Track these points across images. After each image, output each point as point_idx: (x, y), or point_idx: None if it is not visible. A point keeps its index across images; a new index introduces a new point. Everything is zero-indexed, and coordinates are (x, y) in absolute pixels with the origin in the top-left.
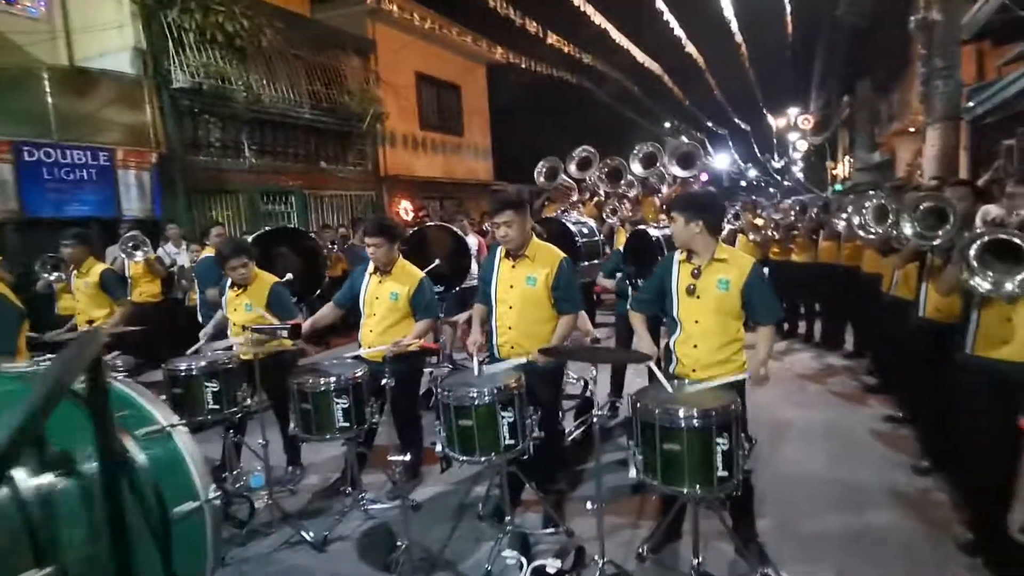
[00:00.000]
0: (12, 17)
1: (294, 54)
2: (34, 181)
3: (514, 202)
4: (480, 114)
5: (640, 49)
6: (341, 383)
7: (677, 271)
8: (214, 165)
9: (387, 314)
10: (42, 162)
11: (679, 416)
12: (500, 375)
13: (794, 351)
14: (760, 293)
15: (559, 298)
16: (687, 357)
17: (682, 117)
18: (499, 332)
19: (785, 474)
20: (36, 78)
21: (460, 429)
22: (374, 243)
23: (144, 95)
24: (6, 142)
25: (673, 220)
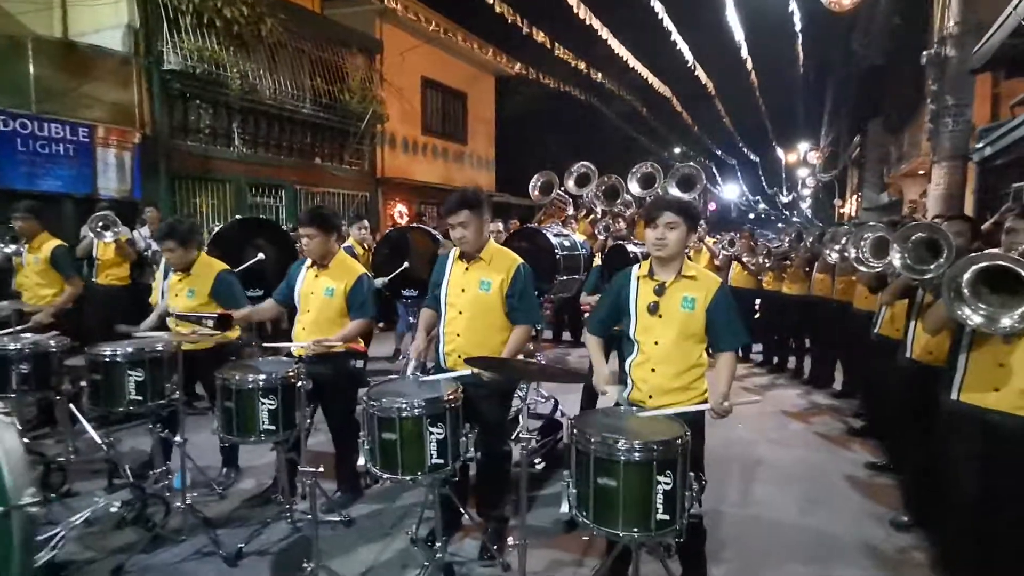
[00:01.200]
0: None
1: (296, 47)
2: (7, 152)
3: (471, 201)
4: (486, 124)
5: (650, 70)
6: (269, 382)
7: (636, 287)
8: (201, 151)
9: (321, 311)
10: (17, 133)
11: (617, 447)
12: (435, 386)
13: (779, 386)
14: (726, 315)
15: (513, 307)
16: (643, 382)
17: (691, 143)
18: (446, 340)
19: (753, 516)
20: (19, 48)
21: (383, 443)
22: (307, 233)
23: (132, 74)
24: None
25: (671, 227)
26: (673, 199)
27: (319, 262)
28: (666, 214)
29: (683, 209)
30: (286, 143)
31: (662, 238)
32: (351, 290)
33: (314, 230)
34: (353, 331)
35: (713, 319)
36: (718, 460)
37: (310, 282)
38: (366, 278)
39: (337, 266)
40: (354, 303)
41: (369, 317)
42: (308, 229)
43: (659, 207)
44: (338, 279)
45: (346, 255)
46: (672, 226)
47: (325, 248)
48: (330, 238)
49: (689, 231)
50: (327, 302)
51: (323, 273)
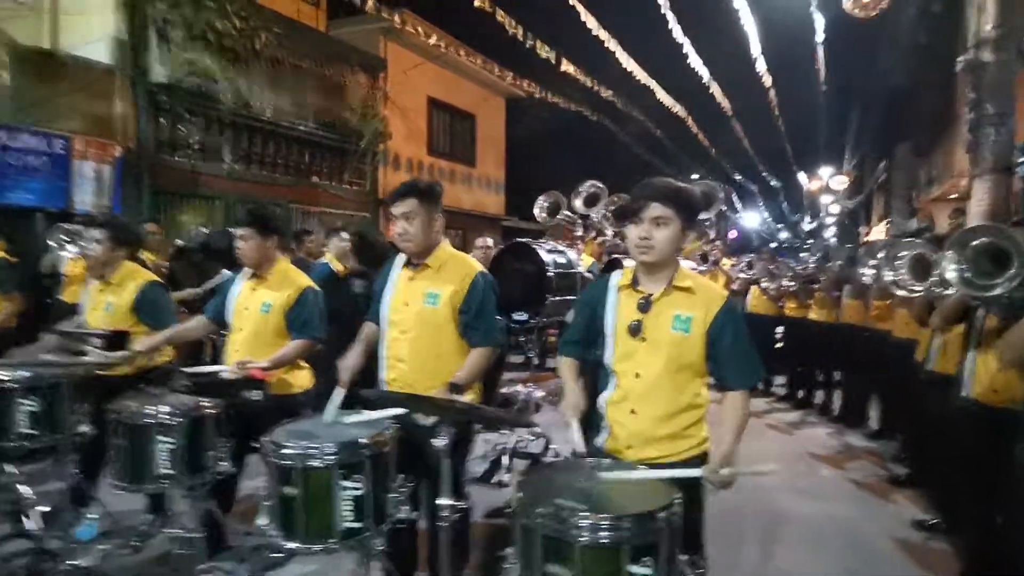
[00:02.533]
0: None
1: (294, 63)
2: None
3: (421, 190)
4: (495, 146)
5: (664, 90)
6: (167, 416)
7: (615, 301)
8: (189, 167)
9: (256, 330)
10: None
11: (572, 523)
12: (358, 427)
13: (807, 424)
14: (735, 341)
15: (468, 324)
16: (621, 426)
17: (709, 167)
18: (387, 366)
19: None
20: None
21: (283, 499)
22: (241, 234)
23: (115, 86)
24: None
25: (659, 222)
26: (662, 183)
27: (257, 272)
28: (652, 206)
29: (675, 197)
30: (282, 160)
31: (647, 237)
32: (292, 305)
33: (249, 230)
34: (290, 353)
35: (717, 345)
36: (730, 514)
37: (246, 296)
38: (311, 293)
39: (277, 277)
40: (295, 321)
41: (312, 337)
42: (243, 229)
43: (643, 195)
44: (277, 292)
45: (290, 266)
46: (661, 221)
47: (261, 254)
48: (268, 242)
49: (685, 228)
50: (263, 319)
51: (261, 286)
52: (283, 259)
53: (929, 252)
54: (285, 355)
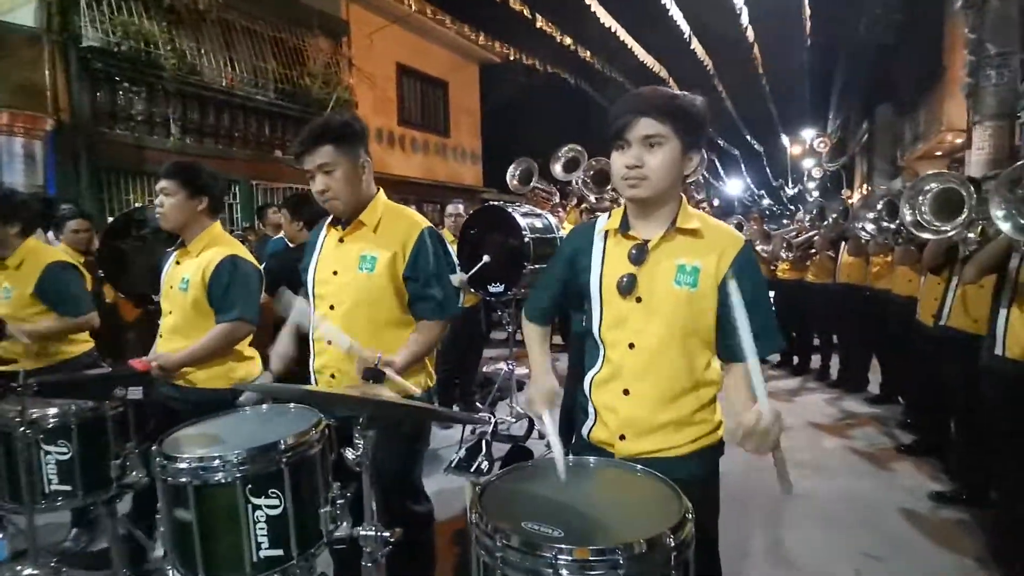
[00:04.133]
0: None
1: (247, 26)
2: None
3: (336, 130)
4: (470, 115)
5: (645, 50)
6: (53, 420)
7: (601, 253)
8: (133, 141)
9: (180, 313)
10: None
11: (544, 557)
12: (279, 421)
13: (806, 391)
14: (754, 299)
15: (417, 293)
16: (611, 412)
17: None
18: (316, 350)
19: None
20: None
21: (175, 525)
22: (161, 188)
23: (43, 52)
24: None
25: (652, 142)
26: (653, 91)
27: (183, 242)
28: (642, 122)
29: (672, 109)
30: (239, 133)
31: (637, 164)
32: (210, 279)
33: (172, 184)
34: (206, 346)
35: (733, 303)
36: (734, 492)
37: (171, 272)
38: (235, 261)
39: (201, 247)
40: (214, 298)
41: (239, 319)
42: (165, 182)
43: (629, 109)
44: (197, 266)
45: (219, 233)
46: (655, 141)
47: (186, 216)
48: (195, 203)
49: (686, 149)
50: (182, 299)
51: (184, 258)
52: (215, 226)
53: (961, 187)
54: (204, 345)
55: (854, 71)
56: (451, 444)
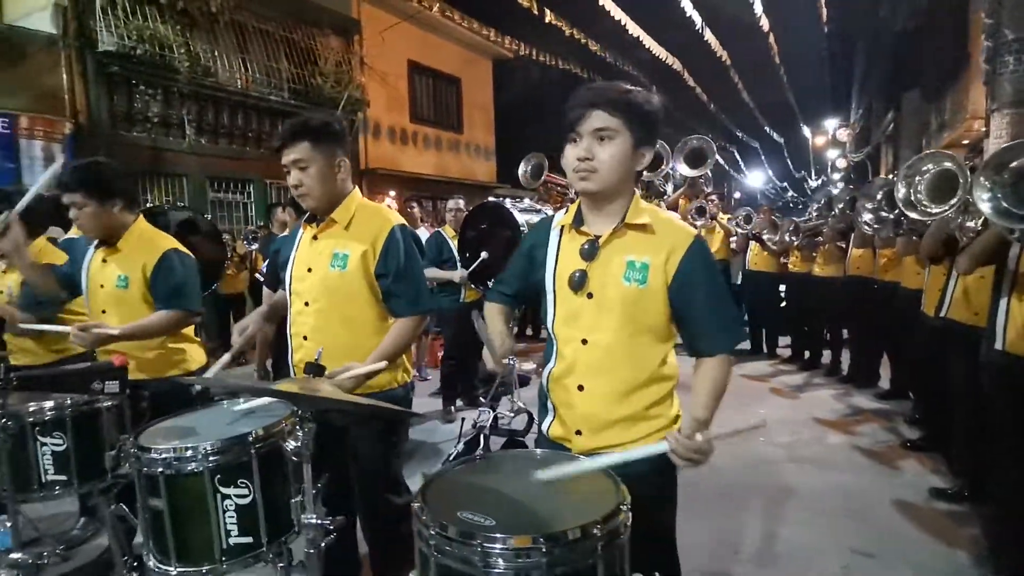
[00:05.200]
0: None
1: (259, 27)
2: None
3: (314, 129)
4: (483, 111)
5: (657, 42)
6: (49, 413)
7: (556, 248)
8: (150, 142)
9: (122, 311)
10: None
11: (475, 548)
12: (254, 414)
13: (814, 387)
14: (707, 293)
15: (389, 290)
16: (568, 408)
17: (708, 124)
18: (294, 345)
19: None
20: None
21: (150, 513)
22: (72, 201)
23: (61, 58)
24: None
25: (603, 135)
26: (604, 86)
27: (107, 241)
28: (593, 115)
29: (623, 103)
30: (252, 133)
31: (587, 157)
32: (153, 273)
33: (80, 195)
34: (151, 325)
35: (683, 300)
36: (731, 489)
37: (97, 269)
38: (177, 255)
39: (133, 243)
40: (160, 291)
41: (186, 309)
42: (72, 195)
43: (580, 103)
44: (133, 262)
45: (147, 227)
46: (605, 135)
47: (105, 222)
48: (110, 207)
49: (638, 145)
50: (122, 298)
51: (112, 256)
52: (139, 221)
53: (957, 168)
54: (145, 326)
55: (875, 58)
56: (452, 438)
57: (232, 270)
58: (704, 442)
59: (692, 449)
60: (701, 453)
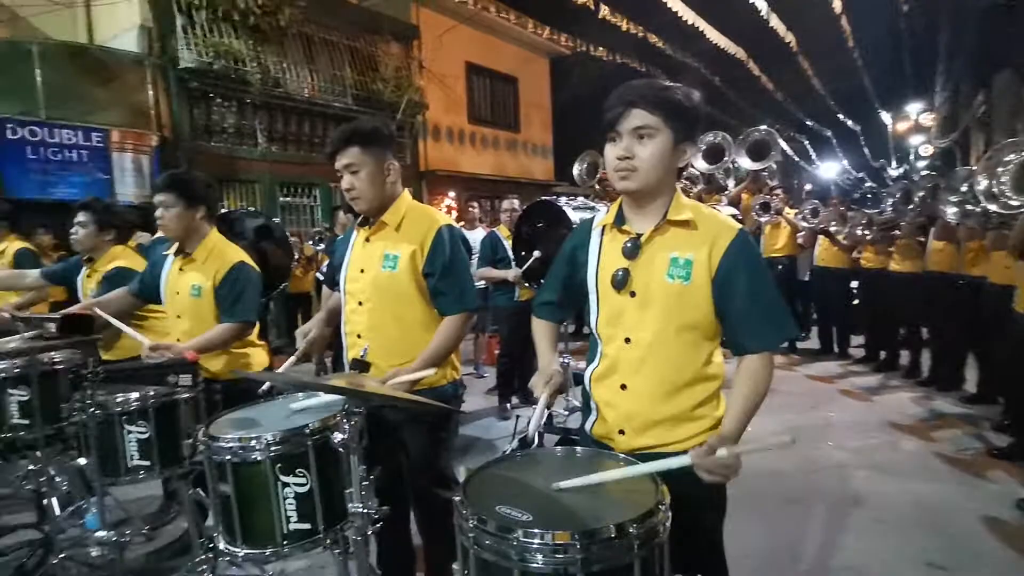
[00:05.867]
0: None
1: (323, 37)
2: (17, 161)
3: (364, 134)
4: (540, 109)
5: (718, 31)
6: (134, 404)
7: (598, 247)
8: (226, 152)
9: (195, 318)
10: (27, 141)
11: (511, 542)
12: (309, 409)
13: (889, 389)
14: (750, 287)
15: (435, 288)
16: (610, 407)
17: (776, 115)
18: (348, 343)
19: None
20: (24, 53)
21: (220, 498)
22: (161, 201)
23: (146, 75)
24: None
25: (642, 134)
26: (643, 84)
27: (182, 248)
28: (632, 113)
29: (662, 101)
30: (317, 139)
31: (627, 155)
32: (220, 284)
33: (170, 196)
34: (212, 340)
35: (727, 293)
36: (793, 494)
37: (174, 278)
38: (245, 268)
39: (205, 254)
40: (223, 301)
41: (242, 320)
42: (163, 195)
43: (619, 101)
44: (205, 272)
45: (220, 239)
46: (644, 133)
47: (185, 225)
48: (194, 212)
49: (678, 142)
50: (195, 305)
51: (188, 266)
52: (213, 232)
53: None
54: (209, 340)
55: (961, 36)
56: (507, 435)
57: (299, 271)
58: (729, 457)
59: (716, 464)
60: (726, 469)
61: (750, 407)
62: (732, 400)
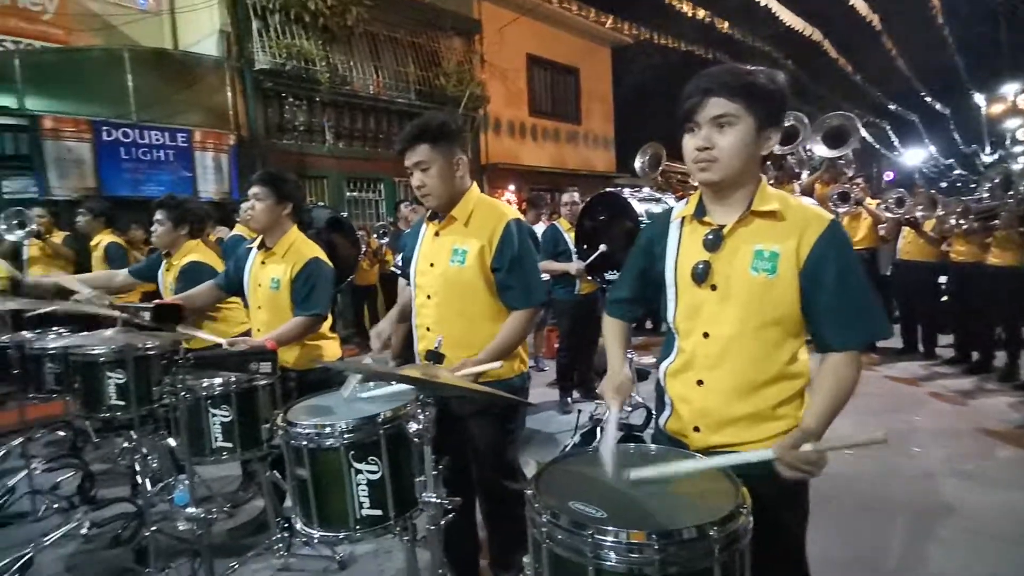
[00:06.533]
0: (124, 9)
1: (388, 35)
2: (113, 161)
3: (432, 131)
4: (602, 100)
5: (792, 12)
6: (218, 388)
7: (677, 240)
8: (296, 149)
9: (274, 310)
10: (120, 142)
11: (586, 539)
12: (378, 398)
13: (984, 393)
14: (839, 278)
15: (503, 283)
16: (685, 403)
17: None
18: (418, 336)
19: None
20: (118, 60)
21: (297, 481)
22: (254, 194)
23: (225, 77)
24: (85, 121)
25: (723, 123)
26: (723, 70)
27: (265, 242)
28: (711, 102)
29: (744, 87)
30: (382, 135)
31: (706, 146)
32: (295, 278)
33: (264, 190)
34: (287, 333)
35: (814, 286)
36: (874, 502)
37: (256, 271)
38: (319, 264)
39: (285, 249)
40: (298, 295)
41: (312, 314)
42: (258, 188)
43: (697, 90)
44: (284, 266)
45: (300, 236)
46: (725, 121)
47: (273, 218)
48: (281, 208)
49: (762, 128)
50: (274, 298)
51: (269, 259)
52: (293, 230)
53: None
54: (283, 333)
55: None
56: (567, 429)
57: (366, 263)
58: (814, 453)
59: (800, 460)
60: (810, 465)
61: (835, 405)
62: (815, 396)
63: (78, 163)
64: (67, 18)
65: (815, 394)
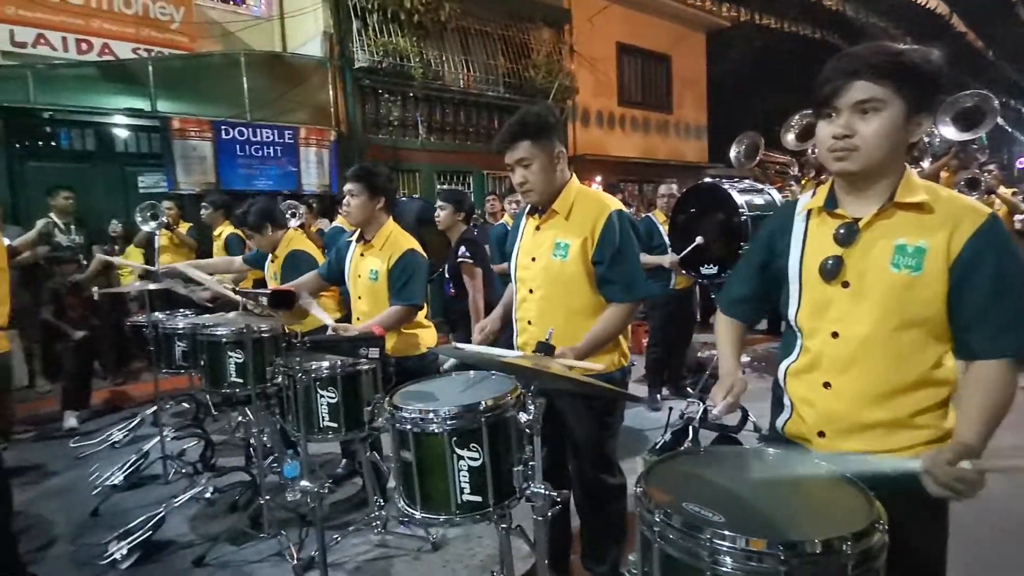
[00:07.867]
0: (240, 16)
1: (479, 29)
2: (229, 157)
3: (531, 127)
4: (695, 88)
5: None
6: (325, 371)
7: (803, 233)
8: (391, 143)
9: (374, 301)
10: (236, 140)
11: (704, 544)
12: (482, 385)
13: None
14: (995, 279)
15: (604, 277)
16: (808, 406)
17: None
18: (518, 329)
19: None
20: (235, 63)
21: (401, 464)
22: (349, 190)
23: (328, 76)
24: (207, 122)
25: (866, 108)
26: (869, 49)
27: (364, 236)
28: (855, 86)
29: (893, 68)
30: (472, 128)
31: (846, 134)
32: (391, 269)
33: (358, 186)
34: (386, 320)
35: (965, 285)
36: (995, 523)
37: (356, 262)
38: (415, 256)
39: (382, 241)
40: (393, 285)
41: (409, 304)
42: (352, 184)
43: (839, 72)
44: (382, 258)
45: (396, 228)
46: (869, 107)
47: (368, 213)
48: (375, 203)
49: (912, 114)
50: (373, 288)
51: (368, 251)
52: (389, 222)
53: None
54: (381, 322)
55: None
56: (657, 427)
57: None
58: (973, 471)
59: (955, 477)
60: (965, 484)
61: (992, 420)
62: (966, 408)
63: (201, 160)
64: (191, 26)
65: (964, 406)
